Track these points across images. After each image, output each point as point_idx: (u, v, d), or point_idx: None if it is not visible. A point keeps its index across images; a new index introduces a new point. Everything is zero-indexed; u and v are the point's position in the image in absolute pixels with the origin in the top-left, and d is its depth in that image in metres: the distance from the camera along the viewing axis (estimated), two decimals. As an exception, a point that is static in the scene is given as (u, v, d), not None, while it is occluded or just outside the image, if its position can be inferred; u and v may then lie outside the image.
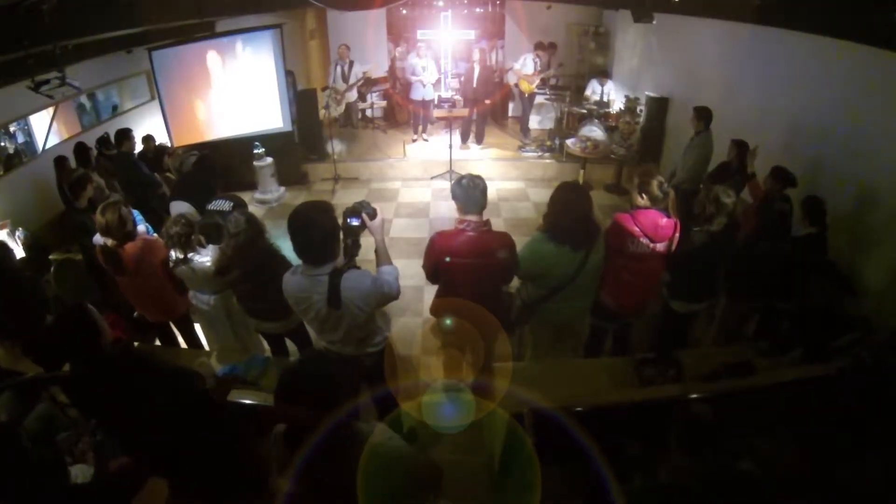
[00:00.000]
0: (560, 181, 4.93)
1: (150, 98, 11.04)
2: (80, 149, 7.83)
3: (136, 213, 5.55)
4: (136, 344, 5.14)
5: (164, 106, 9.98)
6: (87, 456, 3.23)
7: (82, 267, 6.24)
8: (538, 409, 3.61)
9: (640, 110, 11.31)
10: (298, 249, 3.46)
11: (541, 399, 3.69)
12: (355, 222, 3.62)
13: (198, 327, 5.63)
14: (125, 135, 7.73)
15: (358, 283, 3.49)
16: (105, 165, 7.93)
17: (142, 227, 5.58)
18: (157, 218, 6.64)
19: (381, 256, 3.73)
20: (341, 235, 3.59)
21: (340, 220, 3.59)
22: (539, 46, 12.58)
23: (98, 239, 4.95)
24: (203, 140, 10.31)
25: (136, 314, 5.55)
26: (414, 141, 12.88)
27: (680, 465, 2.95)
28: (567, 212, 4.25)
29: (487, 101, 12.42)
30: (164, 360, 3.48)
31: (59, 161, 7.53)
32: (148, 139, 8.91)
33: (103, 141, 8.52)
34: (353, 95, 12.97)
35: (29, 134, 8.21)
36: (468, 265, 4.12)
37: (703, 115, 7.36)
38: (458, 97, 12.40)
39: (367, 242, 3.76)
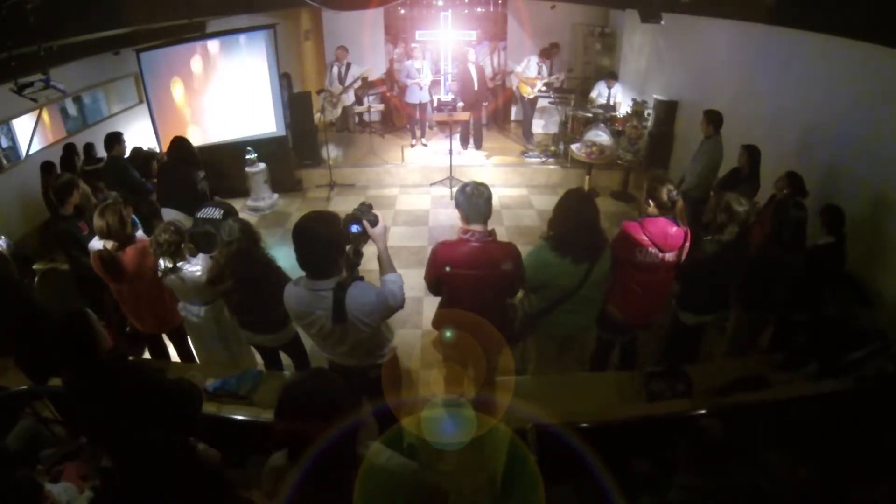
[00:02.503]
0: (564, 188, 4.94)
1: (137, 101, 11.05)
2: (68, 151, 7.84)
3: (134, 217, 5.55)
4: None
5: (152, 110, 9.95)
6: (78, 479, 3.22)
7: (68, 277, 6.24)
8: (542, 425, 3.62)
9: (648, 114, 11.31)
10: (301, 262, 3.42)
11: (544, 414, 3.70)
12: (356, 230, 3.55)
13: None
14: (116, 139, 7.68)
15: (363, 298, 3.44)
16: (89, 173, 7.92)
17: (139, 234, 5.57)
18: (147, 225, 6.65)
19: (385, 265, 3.67)
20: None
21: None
22: (543, 53, 12.62)
23: (95, 243, 4.94)
24: (194, 145, 10.30)
25: (127, 329, 5.54)
26: (413, 146, 12.94)
27: (689, 484, 2.95)
28: (569, 222, 4.27)
29: (485, 104, 12.45)
30: (162, 370, 3.50)
31: (46, 166, 7.53)
32: (137, 152, 8.88)
33: (86, 150, 8.51)
34: (349, 98, 13.01)
35: (12, 138, 8.22)
36: (471, 277, 4.13)
37: (713, 120, 7.36)
38: (459, 101, 12.43)
39: (368, 251, 3.75)
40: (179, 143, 7.67)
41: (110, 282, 5.03)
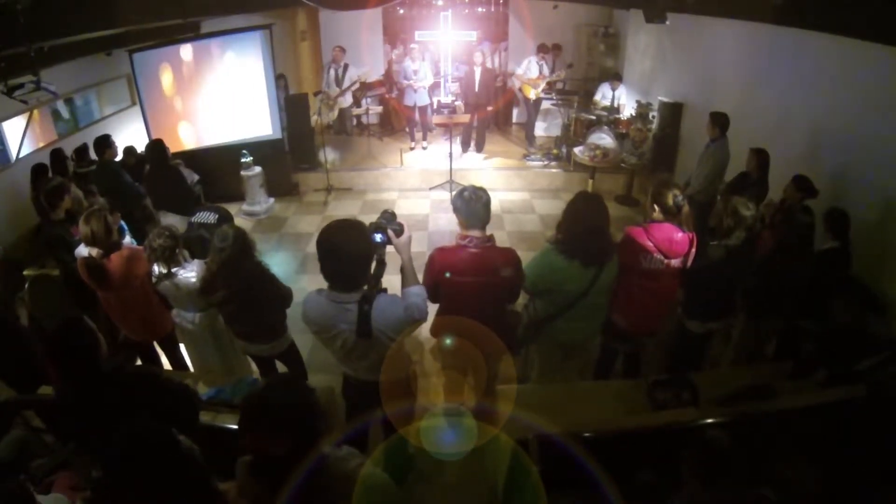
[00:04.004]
0: (567, 192, 4.94)
1: (130, 104, 11.06)
2: (57, 156, 7.83)
3: (122, 223, 5.55)
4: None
5: (145, 112, 10.00)
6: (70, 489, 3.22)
7: (59, 283, 6.24)
8: (544, 435, 3.62)
9: (653, 116, 11.35)
10: (326, 274, 3.30)
11: (547, 424, 3.70)
12: (380, 239, 3.46)
13: (182, 348, 5.62)
14: (105, 142, 7.69)
15: (389, 312, 3.35)
16: (81, 177, 7.92)
17: (127, 240, 5.57)
18: (142, 230, 6.65)
19: (408, 276, 3.59)
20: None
21: None
22: (542, 49, 12.65)
23: (81, 250, 4.94)
24: (187, 148, 10.36)
25: (121, 336, 5.54)
26: (412, 149, 12.96)
27: (695, 496, 2.96)
28: (578, 224, 4.27)
29: (490, 108, 12.46)
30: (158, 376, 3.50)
31: (38, 170, 7.52)
32: (130, 152, 8.89)
33: (80, 153, 8.51)
34: (347, 101, 13.01)
35: (1, 141, 8.22)
36: (470, 283, 4.14)
37: (720, 122, 7.37)
38: (458, 102, 12.44)
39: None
40: (160, 146, 7.75)
41: (97, 289, 5.04)
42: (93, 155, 8.28)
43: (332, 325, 3.40)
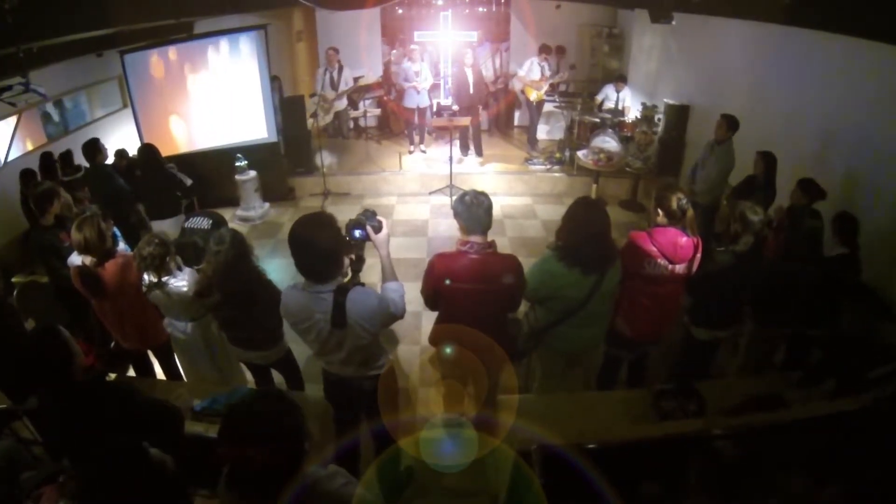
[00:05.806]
0: (570, 197, 4.93)
1: (122, 106, 11.05)
2: (46, 160, 7.83)
3: (115, 230, 5.55)
4: (112, 375, 5.14)
5: (137, 115, 9.98)
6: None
7: (49, 290, 6.24)
8: (546, 446, 3.62)
9: (658, 119, 11.34)
10: (300, 267, 3.46)
11: (549, 435, 3.70)
12: (359, 235, 3.64)
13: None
14: (95, 147, 7.68)
15: (364, 303, 3.50)
16: (67, 185, 7.91)
17: (121, 247, 5.57)
18: (136, 235, 6.65)
19: (387, 272, 3.76)
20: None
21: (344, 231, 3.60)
22: (544, 49, 12.67)
23: (75, 259, 4.94)
24: (181, 152, 10.33)
25: (112, 344, 5.53)
26: (411, 152, 12.94)
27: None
28: (578, 231, 4.26)
29: (482, 108, 12.44)
30: (142, 392, 3.49)
31: (26, 174, 7.51)
32: (121, 154, 8.89)
33: (65, 159, 8.48)
34: (343, 103, 13.04)
35: (-11, 145, 8.21)
36: (471, 290, 4.14)
37: (733, 125, 7.39)
38: (454, 105, 12.44)
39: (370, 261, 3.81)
40: (152, 150, 7.77)
41: (91, 298, 5.04)
42: (78, 159, 8.27)
43: (308, 315, 3.56)
